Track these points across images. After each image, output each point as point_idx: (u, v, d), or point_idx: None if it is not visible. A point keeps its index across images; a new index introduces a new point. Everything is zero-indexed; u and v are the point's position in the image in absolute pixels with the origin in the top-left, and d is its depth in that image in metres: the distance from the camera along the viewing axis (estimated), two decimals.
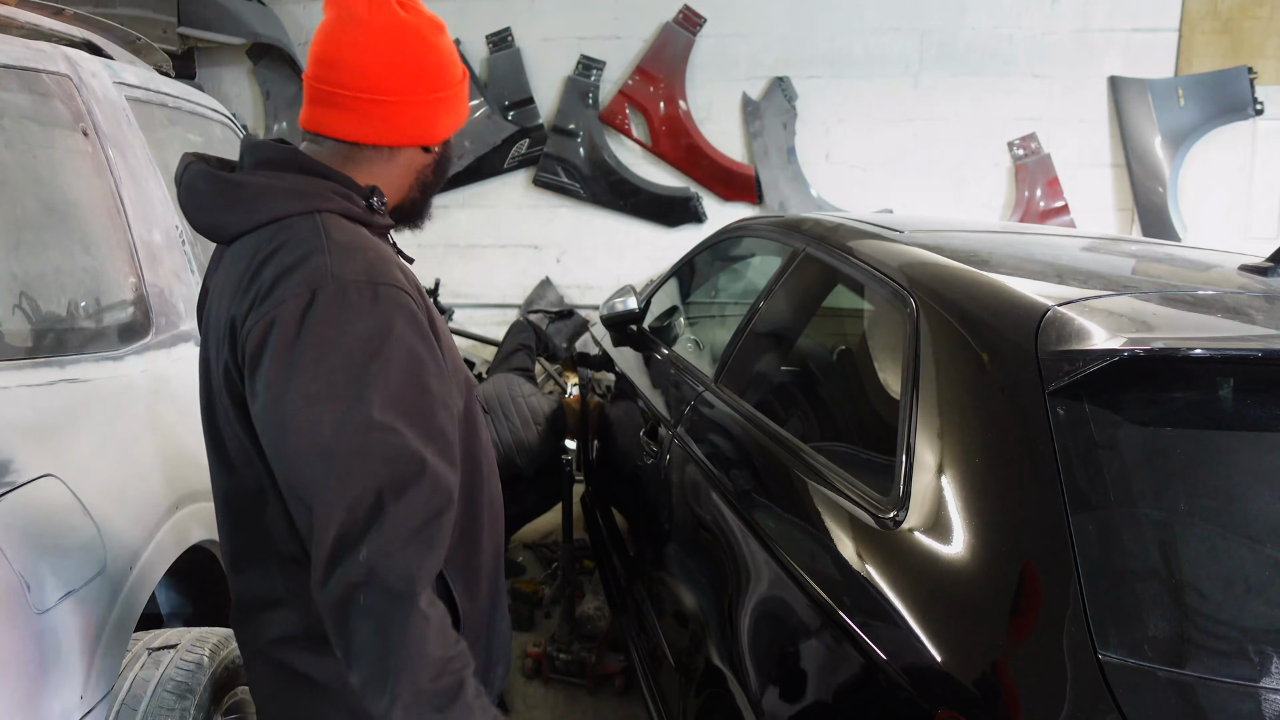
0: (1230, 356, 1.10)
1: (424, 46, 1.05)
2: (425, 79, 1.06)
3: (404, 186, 1.14)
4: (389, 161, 1.10)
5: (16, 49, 1.58)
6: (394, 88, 1.04)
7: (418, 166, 1.13)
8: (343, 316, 0.91)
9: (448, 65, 1.09)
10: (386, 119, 1.05)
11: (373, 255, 0.98)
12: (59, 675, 1.22)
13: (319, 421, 0.88)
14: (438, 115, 1.09)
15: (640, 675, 2.15)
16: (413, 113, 1.07)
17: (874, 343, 1.77)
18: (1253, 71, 4.67)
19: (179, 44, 4.64)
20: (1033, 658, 0.96)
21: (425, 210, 1.19)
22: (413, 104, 1.06)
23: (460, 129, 1.16)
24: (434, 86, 1.07)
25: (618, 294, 2.98)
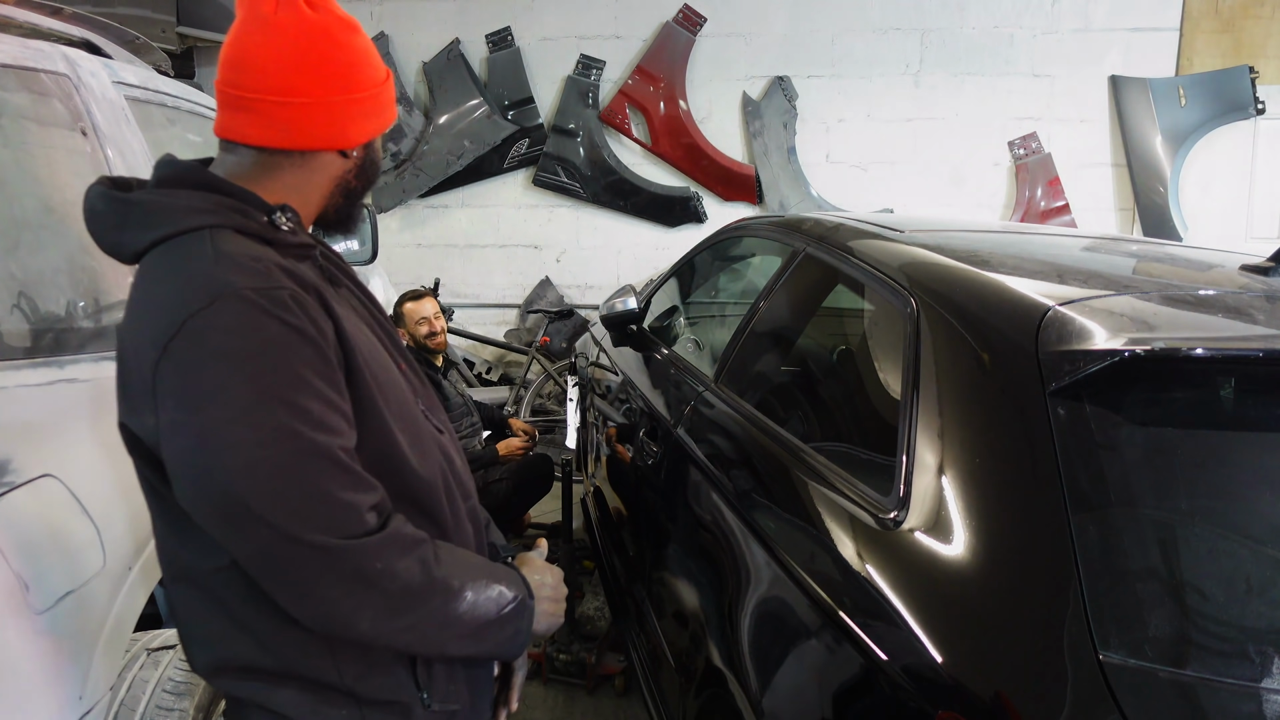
0: (1231, 356, 1.10)
1: (332, 45, 1.01)
2: (334, 79, 1.02)
3: (324, 194, 1.08)
4: (302, 168, 1.04)
5: (15, 48, 1.58)
6: (300, 88, 1.00)
7: (336, 173, 1.07)
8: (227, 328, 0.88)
9: (361, 65, 1.04)
10: (293, 122, 1.01)
11: (257, 266, 0.92)
12: (58, 675, 1.21)
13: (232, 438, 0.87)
14: (351, 117, 1.04)
15: (640, 676, 2.15)
16: (323, 115, 1.02)
17: (874, 343, 1.77)
18: (1254, 71, 4.67)
19: (178, 43, 4.64)
20: (1033, 658, 0.96)
21: (354, 217, 1.13)
22: (322, 105, 1.02)
23: (383, 132, 1.11)
24: (345, 87, 1.02)
25: (618, 294, 2.98)
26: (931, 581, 1.12)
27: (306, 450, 0.88)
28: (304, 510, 0.87)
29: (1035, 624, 0.98)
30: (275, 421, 0.86)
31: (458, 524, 1.12)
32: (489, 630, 1.02)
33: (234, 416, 0.86)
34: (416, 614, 0.95)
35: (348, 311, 1.04)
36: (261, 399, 0.86)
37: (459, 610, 0.98)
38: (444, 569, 0.97)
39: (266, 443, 0.86)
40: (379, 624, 0.93)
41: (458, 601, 0.98)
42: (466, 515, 1.15)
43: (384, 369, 1.05)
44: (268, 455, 0.86)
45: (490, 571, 1.05)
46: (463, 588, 0.99)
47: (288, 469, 0.87)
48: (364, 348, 1.01)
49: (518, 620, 1.06)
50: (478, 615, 1.00)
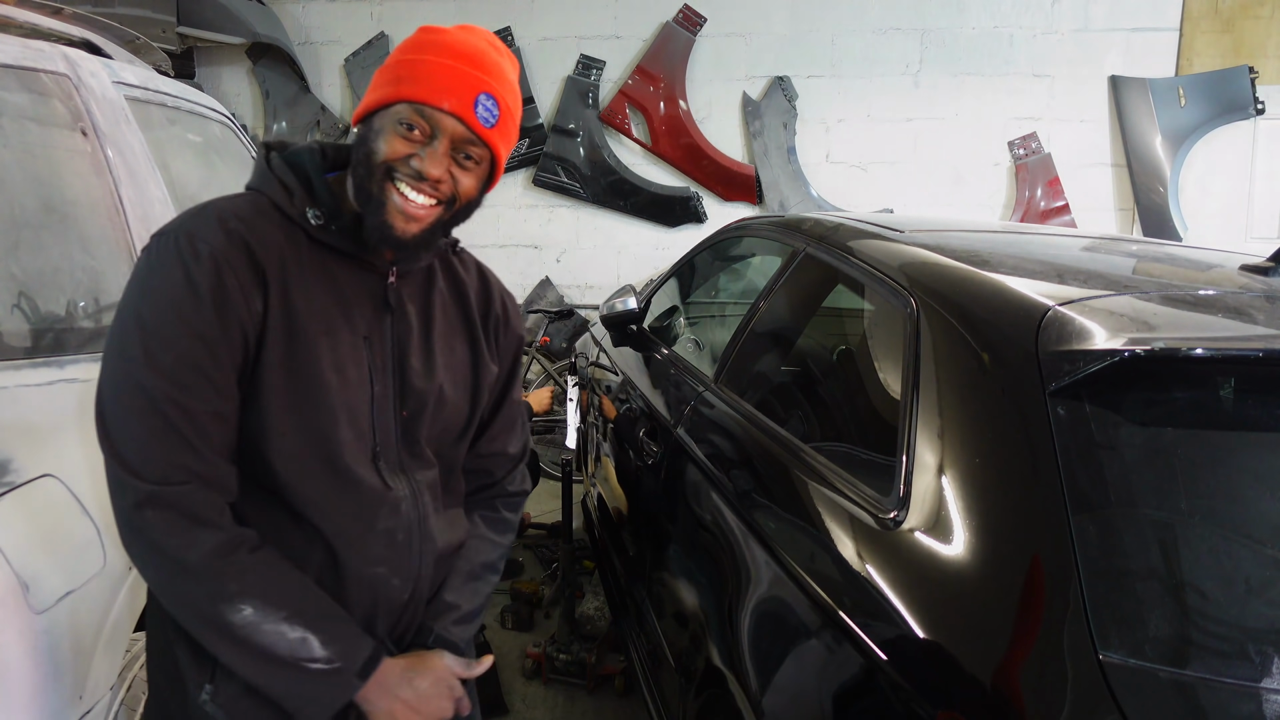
0: (1231, 356, 1.10)
1: (414, 33, 1.04)
2: (389, 58, 1.04)
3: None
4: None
5: (15, 48, 1.58)
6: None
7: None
8: (136, 266, 0.99)
9: (408, 44, 1.03)
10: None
11: (219, 222, 0.98)
12: (58, 675, 1.22)
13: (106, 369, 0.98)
14: (371, 89, 1.03)
15: (640, 676, 2.15)
16: (368, 90, 1.04)
17: (874, 343, 1.77)
18: (1253, 71, 4.67)
19: (178, 43, 4.64)
20: (1033, 658, 0.96)
21: (374, 215, 1.00)
22: (372, 80, 1.04)
23: (383, 104, 1.00)
24: (387, 62, 1.03)
25: (618, 294, 2.98)
26: (931, 581, 1.12)
27: (135, 388, 0.93)
28: (122, 440, 0.94)
29: (1035, 623, 0.98)
30: (131, 353, 0.94)
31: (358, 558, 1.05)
32: (271, 667, 0.96)
33: (116, 334, 0.96)
34: (182, 593, 0.95)
35: (339, 315, 1.03)
36: (134, 329, 0.94)
37: (229, 618, 0.94)
38: (229, 567, 0.94)
39: (118, 370, 0.95)
40: (157, 582, 0.97)
41: (229, 608, 0.94)
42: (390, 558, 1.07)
43: (315, 379, 1.00)
44: (117, 380, 0.95)
45: (315, 617, 0.98)
46: (241, 598, 0.94)
47: (121, 398, 0.95)
48: (304, 348, 1.00)
49: (318, 686, 0.98)
50: (257, 641, 0.95)
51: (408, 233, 1.01)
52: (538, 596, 3.25)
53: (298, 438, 1.01)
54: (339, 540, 1.04)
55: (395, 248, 1.03)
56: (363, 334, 1.06)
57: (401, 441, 1.09)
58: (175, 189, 1.93)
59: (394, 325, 1.09)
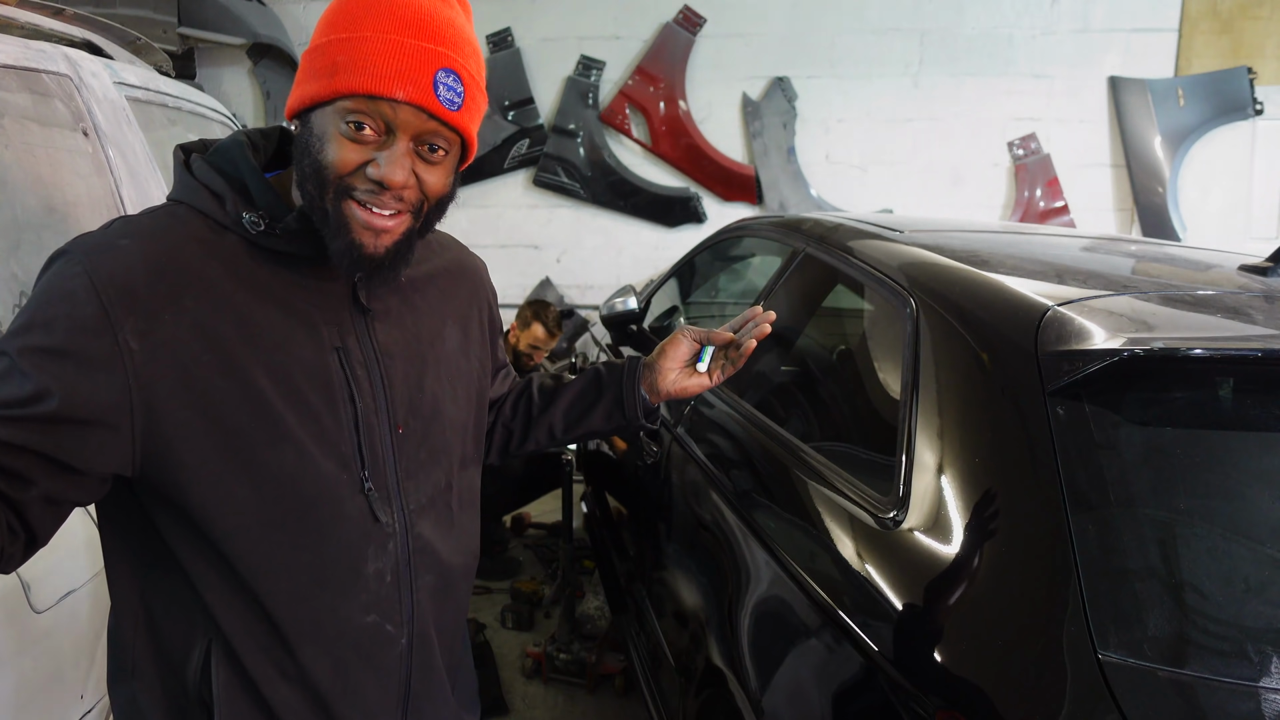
0: (1230, 356, 1.10)
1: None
2: (315, 32, 0.85)
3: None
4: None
5: (16, 49, 1.58)
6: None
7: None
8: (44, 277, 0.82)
9: (337, 14, 0.84)
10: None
11: (112, 226, 0.84)
12: (58, 675, 1.22)
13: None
14: (300, 75, 0.86)
15: (640, 675, 2.15)
16: (297, 73, 0.86)
17: (874, 343, 1.77)
18: (1252, 71, 4.67)
19: (179, 44, 4.64)
20: (1033, 658, 0.96)
21: (338, 239, 0.84)
22: (300, 62, 0.85)
23: (317, 101, 0.82)
24: (313, 39, 0.85)
25: (618, 294, 2.98)
26: (931, 581, 1.12)
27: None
28: None
29: (1034, 623, 0.98)
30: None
31: (348, 606, 0.91)
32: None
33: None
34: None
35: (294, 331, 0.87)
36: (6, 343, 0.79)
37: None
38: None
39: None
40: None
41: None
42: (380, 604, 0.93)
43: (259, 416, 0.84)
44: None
45: None
46: None
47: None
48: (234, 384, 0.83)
49: None
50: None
51: (380, 249, 0.85)
52: (538, 596, 3.25)
53: (253, 493, 0.85)
54: (327, 591, 0.90)
55: (369, 269, 0.86)
56: (334, 345, 0.90)
57: (397, 461, 0.95)
58: None
59: (372, 329, 0.94)
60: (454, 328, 1.06)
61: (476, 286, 1.13)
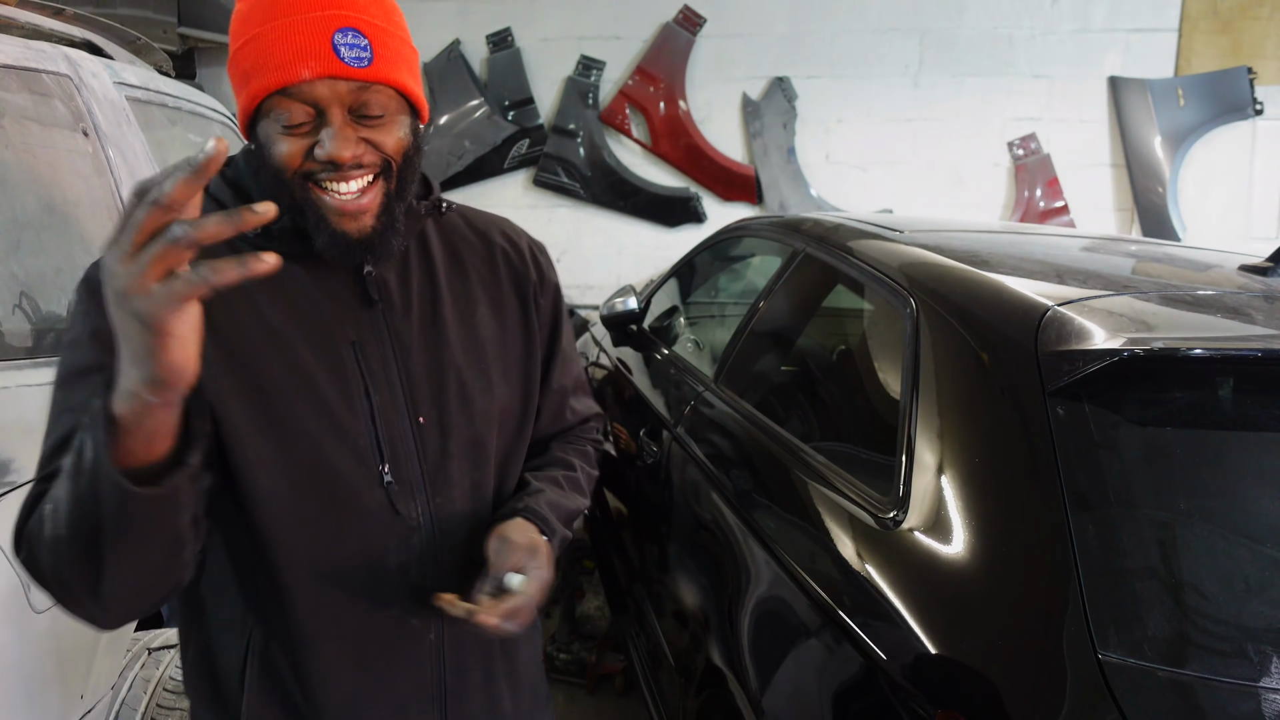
0: (1230, 356, 1.10)
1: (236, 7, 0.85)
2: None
3: None
4: None
5: (17, 49, 1.58)
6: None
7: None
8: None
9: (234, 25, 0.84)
10: None
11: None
12: (59, 674, 1.22)
13: None
14: (234, 91, 0.85)
15: (640, 675, 2.15)
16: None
17: (874, 343, 1.77)
18: (1252, 71, 4.67)
19: (179, 44, 4.64)
20: (1033, 658, 0.96)
21: (320, 231, 0.85)
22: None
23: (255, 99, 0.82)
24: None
25: (618, 294, 2.98)
26: (931, 581, 1.12)
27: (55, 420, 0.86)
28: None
29: (1034, 623, 0.98)
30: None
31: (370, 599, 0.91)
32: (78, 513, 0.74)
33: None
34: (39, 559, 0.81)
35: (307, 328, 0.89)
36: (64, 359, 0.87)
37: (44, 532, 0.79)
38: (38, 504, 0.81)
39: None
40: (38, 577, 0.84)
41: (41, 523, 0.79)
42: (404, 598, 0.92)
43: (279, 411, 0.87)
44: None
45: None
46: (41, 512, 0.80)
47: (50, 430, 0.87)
48: (256, 381, 0.86)
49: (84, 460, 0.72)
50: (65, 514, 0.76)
51: (365, 228, 0.85)
52: None
53: (278, 478, 0.87)
54: (348, 584, 0.91)
55: (364, 252, 0.87)
56: (349, 340, 0.91)
57: (421, 454, 0.94)
58: None
59: (386, 320, 0.93)
60: (487, 312, 1.01)
61: (520, 269, 1.05)
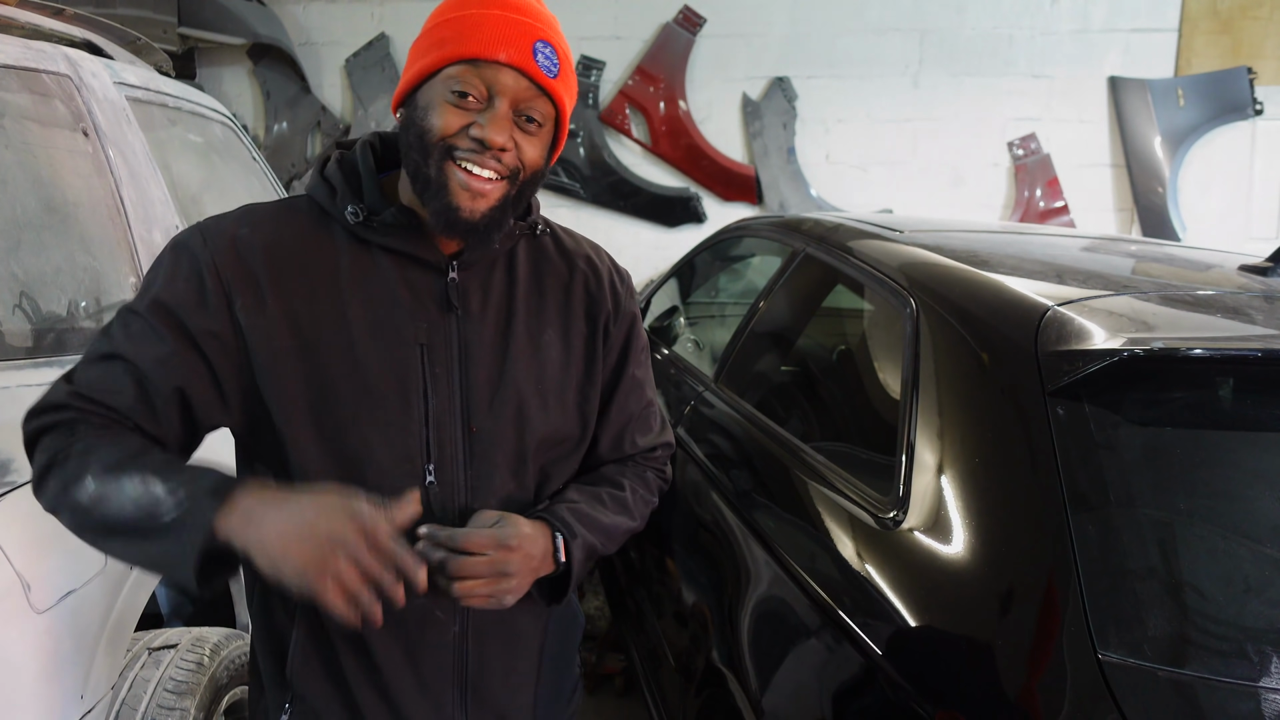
0: (1230, 356, 1.10)
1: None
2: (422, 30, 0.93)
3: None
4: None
5: (16, 49, 1.58)
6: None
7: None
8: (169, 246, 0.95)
9: (441, 7, 0.92)
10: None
11: (238, 210, 0.96)
12: (59, 675, 1.22)
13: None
14: (407, 67, 0.92)
15: (640, 675, 2.15)
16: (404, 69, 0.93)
17: (874, 343, 1.77)
18: (1252, 72, 4.67)
19: (179, 44, 4.64)
20: (1032, 657, 0.96)
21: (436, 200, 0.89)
22: (407, 59, 0.93)
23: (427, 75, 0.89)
24: (421, 33, 0.93)
25: None
26: (931, 581, 1.12)
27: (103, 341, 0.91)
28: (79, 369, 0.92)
29: (1034, 623, 0.98)
30: (117, 313, 0.92)
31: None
32: (128, 536, 0.82)
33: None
34: (53, 490, 0.86)
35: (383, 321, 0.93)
36: (130, 301, 0.93)
37: (78, 498, 0.83)
38: (74, 444, 0.85)
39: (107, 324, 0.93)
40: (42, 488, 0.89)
41: (77, 487, 0.83)
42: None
43: (337, 396, 0.91)
44: (101, 329, 0.93)
45: (160, 464, 0.84)
46: (82, 472, 0.83)
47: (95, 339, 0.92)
48: (323, 362, 0.91)
49: (165, 534, 0.80)
50: (105, 512, 0.82)
51: (476, 211, 0.89)
52: None
53: (326, 465, 0.91)
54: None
55: (464, 232, 0.91)
56: (419, 340, 0.93)
57: (468, 461, 0.95)
58: (177, 189, 1.93)
59: (459, 328, 0.95)
60: (555, 335, 1.02)
61: (596, 296, 1.06)
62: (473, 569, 0.88)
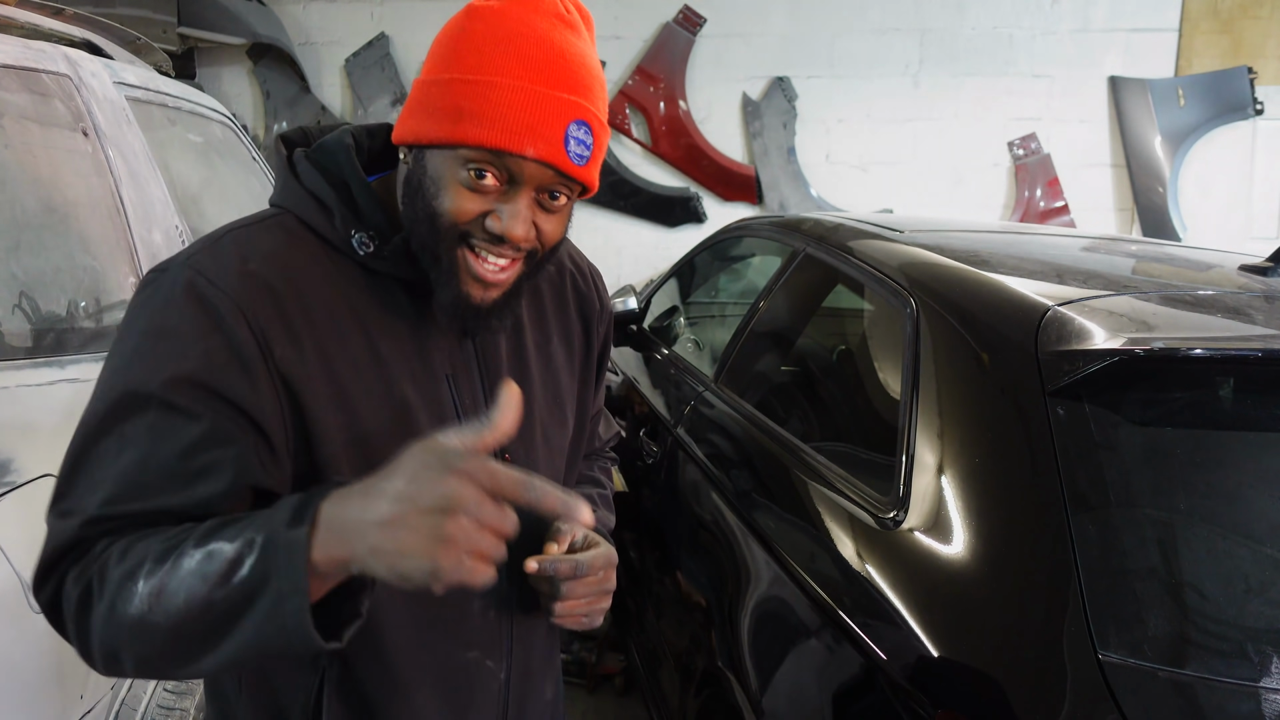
0: (1230, 356, 1.10)
1: (458, 20, 0.80)
2: (433, 58, 0.80)
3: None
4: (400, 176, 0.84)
5: (16, 49, 1.58)
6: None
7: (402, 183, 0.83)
8: (133, 300, 0.79)
9: (460, 46, 0.77)
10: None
11: (227, 243, 0.79)
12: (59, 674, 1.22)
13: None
14: (415, 105, 0.80)
15: (640, 675, 2.15)
16: (410, 100, 0.81)
17: (874, 343, 1.77)
18: (1252, 71, 4.67)
19: (179, 44, 4.64)
20: (1033, 658, 0.96)
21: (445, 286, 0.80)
22: (415, 89, 0.81)
23: (439, 142, 0.77)
24: (431, 68, 0.79)
25: (618, 294, 2.98)
26: (931, 581, 1.12)
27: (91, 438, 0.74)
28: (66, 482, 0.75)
29: (1034, 623, 0.98)
30: (109, 402, 0.74)
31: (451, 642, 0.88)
32: (208, 625, 0.66)
33: (101, 378, 0.76)
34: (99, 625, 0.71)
35: (409, 356, 0.84)
36: (116, 376, 0.75)
37: (130, 613, 0.67)
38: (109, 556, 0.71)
39: (91, 418, 0.74)
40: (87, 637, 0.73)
41: (124, 600, 0.67)
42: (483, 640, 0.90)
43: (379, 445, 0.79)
44: (84, 430, 0.74)
45: (209, 529, 0.69)
46: (127, 581, 0.68)
47: (80, 447, 0.74)
48: (361, 410, 0.80)
49: (255, 598, 0.64)
50: (170, 609, 0.66)
51: (487, 300, 0.81)
52: None
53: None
54: (436, 628, 0.87)
55: (475, 319, 0.82)
56: (445, 372, 0.86)
57: None
58: (176, 189, 1.93)
59: (479, 352, 0.90)
60: (559, 343, 0.99)
61: (586, 296, 1.04)
62: (585, 589, 0.84)
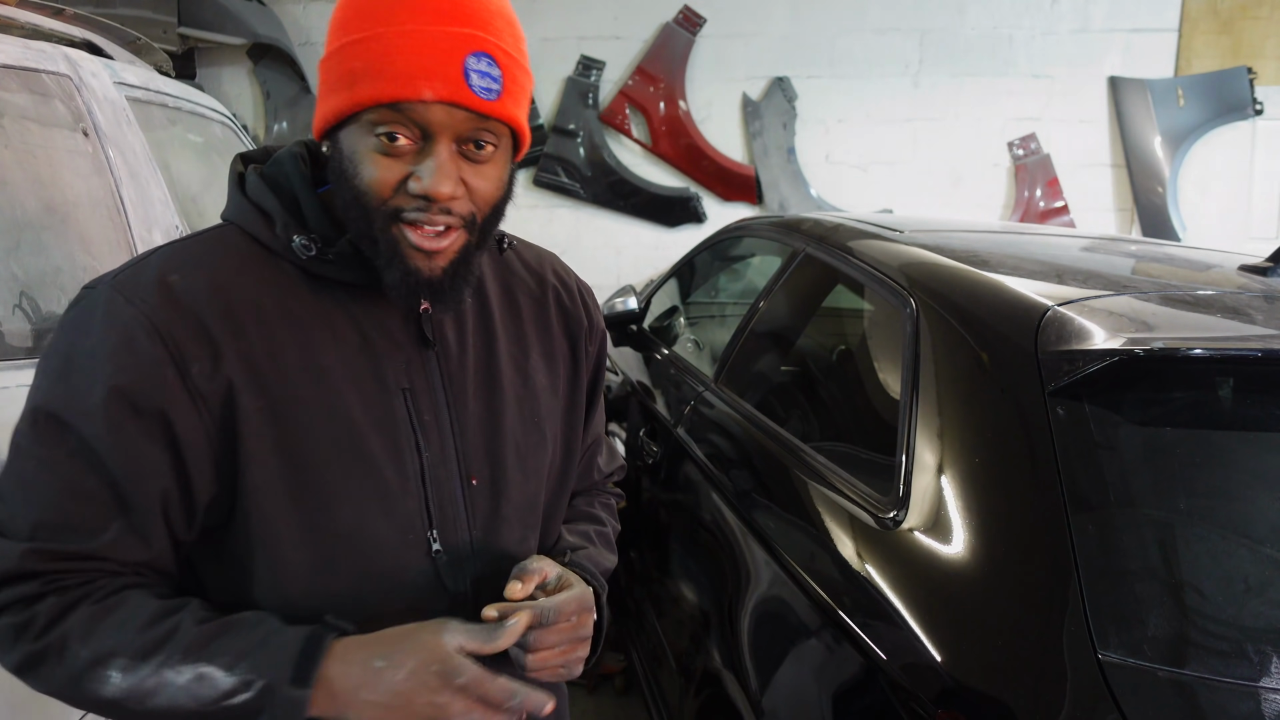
0: (1230, 356, 1.10)
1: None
2: (328, 34, 0.75)
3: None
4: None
5: (17, 49, 1.58)
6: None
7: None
8: (61, 319, 0.77)
9: (347, 10, 0.73)
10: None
11: (153, 258, 0.77)
12: None
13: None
14: (320, 89, 0.76)
15: (640, 675, 2.15)
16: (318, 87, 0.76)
17: (874, 343, 1.77)
18: (1252, 72, 4.68)
19: (179, 44, 4.64)
20: (1033, 658, 0.96)
21: (391, 269, 0.75)
22: (318, 73, 0.76)
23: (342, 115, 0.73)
24: (327, 44, 0.75)
25: (618, 294, 2.98)
26: (931, 581, 1.12)
27: (16, 455, 0.73)
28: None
29: (1034, 623, 0.98)
30: (30, 422, 0.73)
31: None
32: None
33: (29, 395, 0.75)
34: (61, 682, 0.72)
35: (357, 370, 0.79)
36: (38, 395, 0.74)
37: (101, 694, 0.70)
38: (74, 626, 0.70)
39: (18, 435, 0.74)
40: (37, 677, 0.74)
41: (93, 682, 0.70)
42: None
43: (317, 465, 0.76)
44: (14, 446, 0.73)
45: (200, 641, 0.70)
46: (100, 662, 0.69)
47: (9, 464, 0.74)
48: (296, 428, 0.76)
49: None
50: (153, 707, 0.69)
51: (436, 270, 0.76)
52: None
53: (307, 551, 0.76)
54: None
55: (430, 294, 0.77)
56: (400, 385, 0.80)
57: (471, 519, 0.83)
58: (176, 189, 1.93)
59: (441, 365, 0.83)
60: (540, 358, 0.93)
61: (572, 312, 0.98)
62: (557, 638, 0.78)
